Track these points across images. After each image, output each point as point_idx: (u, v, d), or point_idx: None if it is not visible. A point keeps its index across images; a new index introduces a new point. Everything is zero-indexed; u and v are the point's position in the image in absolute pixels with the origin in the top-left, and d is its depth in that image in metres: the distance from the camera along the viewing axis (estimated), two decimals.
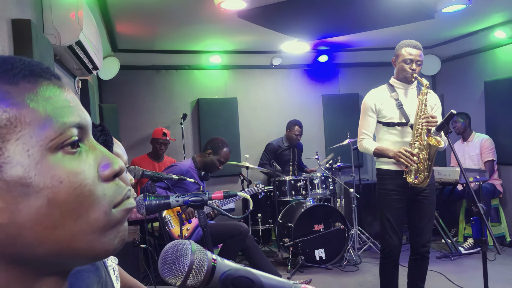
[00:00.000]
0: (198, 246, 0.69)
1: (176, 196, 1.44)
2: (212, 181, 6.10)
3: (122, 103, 6.03)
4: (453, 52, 6.41)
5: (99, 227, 0.54)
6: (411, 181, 3.03)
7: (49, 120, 0.51)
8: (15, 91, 0.50)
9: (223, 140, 3.96)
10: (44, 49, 2.30)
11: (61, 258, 0.53)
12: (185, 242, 0.68)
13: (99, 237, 0.54)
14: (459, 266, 4.64)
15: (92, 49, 3.17)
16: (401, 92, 3.19)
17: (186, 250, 0.67)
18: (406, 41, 3.13)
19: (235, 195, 1.57)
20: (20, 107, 0.49)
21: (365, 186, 5.75)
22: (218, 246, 3.85)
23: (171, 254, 0.67)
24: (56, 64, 2.98)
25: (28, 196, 0.49)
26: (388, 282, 3.27)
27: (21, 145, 0.49)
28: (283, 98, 6.70)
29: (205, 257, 0.67)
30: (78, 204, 0.52)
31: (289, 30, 4.96)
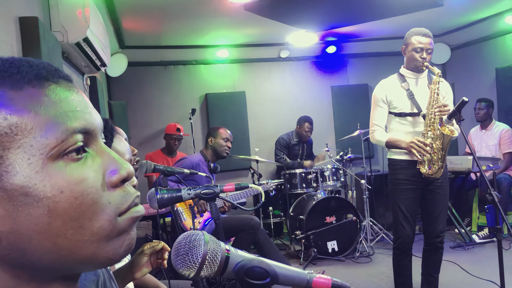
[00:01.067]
0: (211, 237, 0.68)
1: (188, 189, 1.44)
2: (223, 175, 6.11)
3: (130, 99, 6.04)
4: (463, 39, 6.32)
5: (102, 236, 0.52)
6: (424, 172, 2.99)
7: (51, 126, 0.50)
8: (18, 97, 0.49)
9: (216, 126, 4.07)
10: (52, 46, 2.30)
11: (65, 265, 0.52)
12: (198, 233, 0.67)
13: (103, 245, 0.53)
14: (473, 255, 4.60)
15: (99, 46, 3.17)
16: (412, 81, 3.14)
17: (199, 240, 0.66)
18: (415, 29, 3.07)
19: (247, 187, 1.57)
20: (22, 113, 0.48)
21: (377, 177, 5.71)
22: (230, 239, 3.86)
23: (184, 245, 0.66)
24: (64, 61, 2.99)
25: (29, 205, 0.48)
26: (401, 272, 3.25)
27: (21, 153, 0.48)
28: (291, 90, 6.66)
29: (219, 248, 0.67)
30: (80, 213, 0.50)
31: (296, 21, 4.92)
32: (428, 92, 3.05)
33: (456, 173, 5.15)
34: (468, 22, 5.81)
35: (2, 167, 0.47)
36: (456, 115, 2.76)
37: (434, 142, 2.94)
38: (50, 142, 0.49)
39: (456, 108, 2.75)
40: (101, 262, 0.54)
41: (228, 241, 3.88)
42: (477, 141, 5.51)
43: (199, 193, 1.42)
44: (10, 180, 0.47)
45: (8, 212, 0.48)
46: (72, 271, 0.55)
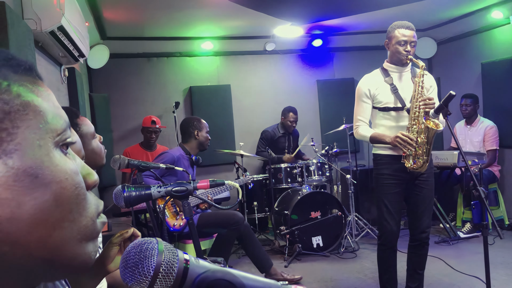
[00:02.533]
0: (167, 245, 0.58)
1: (158, 187, 1.34)
2: (207, 170, 6.02)
3: (113, 92, 5.90)
4: (449, 34, 6.29)
5: (86, 235, 0.51)
6: (409, 166, 2.95)
7: (56, 115, 0.51)
8: (28, 80, 0.50)
9: (195, 117, 4.00)
10: (23, 34, 2.18)
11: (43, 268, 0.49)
12: (151, 240, 0.58)
13: (83, 247, 0.51)
14: (458, 250, 4.59)
15: (76, 35, 3.05)
16: (396, 76, 3.09)
17: (152, 250, 0.56)
18: (398, 22, 3.02)
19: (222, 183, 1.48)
20: (32, 95, 0.49)
21: (362, 172, 5.67)
22: (213, 236, 3.77)
23: (133, 255, 0.57)
24: (39, 51, 2.87)
25: (36, 188, 0.46)
26: (386, 268, 3.21)
27: (32, 134, 0.47)
28: (277, 84, 6.58)
29: (175, 258, 0.57)
30: (75, 205, 0.50)
31: (282, 14, 4.83)
32: (412, 86, 3.01)
33: (441, 168, 5.12)
34: (455, 16, 5.78)
35: (12, 144, 0.46)
36: (443, 109, 2.72)
37: (419, 136, 2.90)
38: (55, 128, 0.50)
39: (443, 102, 2.70)
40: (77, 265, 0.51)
41: (211, 237, 3.80)
42: (461, 136, 5.50)
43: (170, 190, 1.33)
44: (19, 159, 0.46)
45: (13, 195, 0.45)
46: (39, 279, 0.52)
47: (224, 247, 3.60)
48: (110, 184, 5.16)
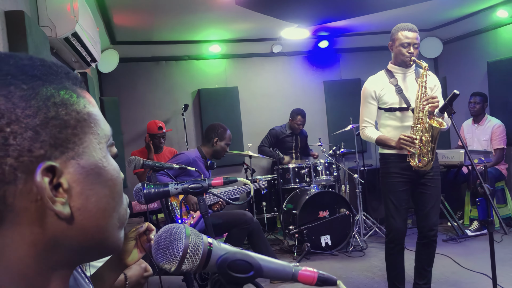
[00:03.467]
0: (193, 230, 0.66)
1: (175, 184, 1.42)
2: (216, 171, 6.08)
3: (122, 95, 6.00)
4: (455, 33, 6.33)
5: (122, 223, 0.61)
6: (414, 165, 3.00)
7: (105, 122, 0.60)
8: (83, 92, 0.59)
9: (222, 125, 3.97)
10: (40, 41, 2.27)
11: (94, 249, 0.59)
12: (179, 226, 0.66)
13: (119, 233, 0.61)
14: (466, 248, 4.63)
15: (89, 41, 3.14)
16: (400, 77, 3.15)
17: (180, 234, 0.65)
18: (401, 24, 3.09)
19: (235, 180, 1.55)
20: (91, 106, 0.58)
21: (369, 172, 5.72)
22: (223, 235, 3.84)
23: (164, 238, 0.65)
24: (53, 57, 2.96)
25: (99, 184, 0.56)
26: (394, 265, 3.26)
27: (93, 139, 0.57)
28: (284, 85, 6.65)
29: (200, 241, 0.65)
30: (119, 198, 0.60)
31: (288, 16, 4.90)
32: (416, 86, 3.06)
33: (448, 166, 5.16)
34: (460, 16, 5.81)
35: (82, 147, 0.55)
36: (447, 108, 2.76)
37: (423, 135, 2.95)
38: (107, 134, 0.60)
39: (447, 101, 2.75)
40: (113, 249, 0.60)
41: (221, 237, 3.87)
42: (469, 135, 5.53)
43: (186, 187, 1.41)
44: (88, 160, 0.55)
45: (83, 189, 0.55)
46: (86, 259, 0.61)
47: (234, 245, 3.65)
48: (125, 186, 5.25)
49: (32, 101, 0.52)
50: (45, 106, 0.53)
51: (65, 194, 0.53)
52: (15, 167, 0.50)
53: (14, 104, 0.51)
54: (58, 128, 0.53)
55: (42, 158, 0.51)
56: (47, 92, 0.54)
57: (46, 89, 0.54)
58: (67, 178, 0.53)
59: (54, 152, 0.52)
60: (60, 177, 0.53)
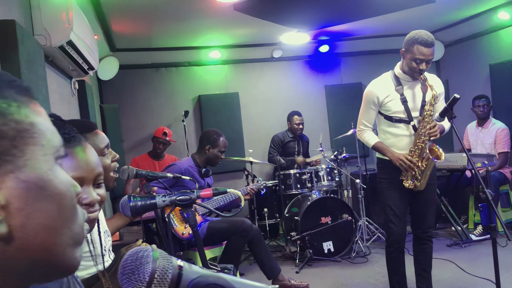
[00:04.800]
0: (162, 253, 0.62)
1: (163, 196, 1.38)
2: (217, 177, 6.05)
3: (123, 103, 5.98)
4: (456, 36, 6.29)
5: (76, 241, 0.56)
6: (407, 185, 3.04)
7: (54, 133, 0.56)
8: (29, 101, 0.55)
9: (216, 131, 3.91)
10: (33, 50, 2.25)
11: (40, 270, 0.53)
12: (147, 248, 0.62)
13: (74, 251, 0.56)
14: (470, 253, 4.56)
15: (85, 49, 3.12)
16: (406, 85, 3.08)
17: (147, 257, 0.60)
18: (420, 35, 2.88)
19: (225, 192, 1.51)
20: (35, 115, 0.54)
21: (372, 176, 5.66)
22: (223, 243, 3.80)
23: (130, 262, 0.61)
24: (49, 65, 2.94)
25: (43, 199, 0.51)
26: (395, 269, 3.24)
27: (37, 150, 0.52)
28: (285, 90, 6.62)
29: (169, 264, 0.61)
30: (71, 214, 0.55)
31: (288, 21, 4.88)
32: (420, 95, 3.02)
33: (451, 170, 5.10)
34: (461, 18, 5.77)
35: (22, 160, 0.50)
36: (447, 112, 2.73)
37: (420, 161, 2.96)
38: (55, 145, 0.55)
39: (447, 105, 2.71)
40: (67, 269, 0.56)
41: (220, 245, 3.82)
42: (473, 138, 5.47)
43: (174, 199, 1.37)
44: (29, 173, 0.51)
45: (25, 204, 0.50)
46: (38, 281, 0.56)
47: (234, 254, 3.62)
48: (122, 194, 5.22)
49: None
50: None
51: (1, 211, 0.49)
52: None
53: None
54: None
55: None
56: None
57: None
58: (4, 194, 0.49)
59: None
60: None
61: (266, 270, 3.80)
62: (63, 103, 3.28)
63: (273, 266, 3.82)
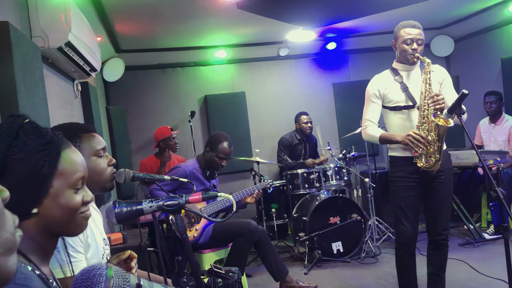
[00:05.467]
0: (117, 271, 0.56)
1: (150, 201, 1.33)
2: (224, 177, 5.99)
3: (129, 104, 5.96)
4: (467, 30, 6.16)
5: (8, 248, 0.53)
6: (421, 165, 2.88)
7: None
8: None
9: (222, 135, 3.80)
10: (29, 52, 2.21)
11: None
12: (100, 267, 0.56)
13: (6, 260, 0.53)
14: (483, 253, 4.46)
15: (86, 50, 3.08)
16: (405, 74, 3.06)
17: (100, 276, 0.54)
18: (403, 22, 3.02)
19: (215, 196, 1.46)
20: None
21: (382, 175, 5.57)
22: (228, 245, 3.75)
23: (80, 282, 0.54)
24: (49, 67, 2.91)
25: None
26: (405, 272, 3.14)
27: None
28: (292, 89, 6.54)
29: (126, 284, 0.54)
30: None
31: (292, 19, 4.81)
32: (421, 80, 2.95)
33: (462, 168, 4.99)
34: (471, 12, 5.65)
35: None
36: (456, 108, 2.64)
37: (429, 134, 2.83)
38: None
39: (456, 101, 2.63)
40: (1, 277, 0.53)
41: (226, 247, 3.77)
42: (485, 134, 5.34)
43: (161, 205, 1.32)
44: None
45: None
46: None
47: (239, 256, 3.57)
48: (130, 195, 5.20)
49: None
50: None
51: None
52: None
53: None
54: None
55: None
56: None
57: None
58: None
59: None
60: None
61: (273, 272, 3.74)
62: (65, 105, 3.25)
63: (280, 267, 3.75)
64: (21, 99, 1.96)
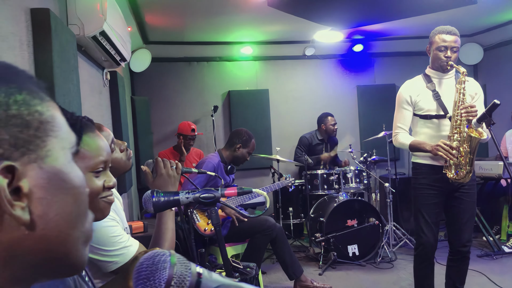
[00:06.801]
0: (180, 258, 0.58)
1: (187, 193, 1.35)
2: (243, 173, 6.02)
3: (153, 95, 6.02)
4: (496, 39, 6.07)
5: (87, 238, 0.55)
6: (451, 176, 2.83)
7: (68, 127, 0.56)
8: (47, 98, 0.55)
9: (248, 132, 3.89)
10: (66, 39, 2.25)
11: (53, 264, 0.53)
12: (164, 253, 0.58)
13: (82, 248, 0.55)
14: (502, 265, 4.40)
15: (118, 40, 3.13)
16: (437, 82, 2.99)
17: (164, 262, 0.56)
18: (439, 27, 2.94)
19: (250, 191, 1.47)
20: (54, 110, 0.55)
21: (401, 181, 5.53)
22: (246, 241, 3.77)
23: (146, 267, 0.56)
24: (82, 55, 2.96)
25: (62, 191, 0.51)
26: (422, 280, 3.10)
27: (57, 142, 0.53)
28: (316, 89, 6.53)
29: (188, 272, 0.56)
30: (84, 209, 0.55)
31: (322, 19, 4.79)
32: (454, 92, 2.90)
33: (485, 178, 4.93)
34: (502, 22, 5.56)
35: (44, 150, 0.51)
36: (486, 118, 2.61)
37: (461, 145, 2.78)
38: (71, 140, 0.56)
39: (486, 111, 2.60)
40: (77, 266, 0.55)
41: (243, 242, 3.79)
42: (511, 145, 5.26)
43: (198, 197, 1.34)
44: (51, 164, 0.51)
45: (46, 195, 0.50)
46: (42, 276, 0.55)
47: (256, 252, 3.59)
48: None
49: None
50: (6, 104, 0.49)
51: (25, 199, 0.48)
52: None
53: None
54: (19, 128, 0.49)
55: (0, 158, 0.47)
56: (8, 90, 0.50)
57: (7, 87, 0.50)
58: (28, 182, 0.48)
59: (14, 153, 0.48)
60: (20, 180, 0.48)
61: (288, 270, 3.75)
62: (94, 93, 3.31)
63: (296, 266, 3.76)
64: (57, 85, 2.00)
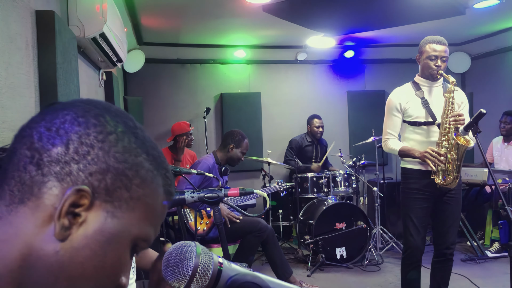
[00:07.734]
0: (204, 249, 0.65)
1: (192, 192, 1.42)
2: (234, 175, 6.08)
3: (146, 96, 6.06)
4: (484, 49, 6.22)
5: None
6: (439, 182, 2.93)
7: (158, 225, 0.63)
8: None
9: (241, 132, 3.97)
10: (68, 41, 2.30)
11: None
12: (190, 244, 0.65)
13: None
14: (485, 270, 4.51)
15: (116, 42, 3.17)
16: (427, 90, 3.09)
17: (191, 252, 0.64)
18: (430, 37, 3.03)
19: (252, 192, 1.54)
20: (163, 197, 0.63)
21: (389, 185, 5.64)
22: (237, 242, 3.83)
23: (174, 256, 0.64)
24: (80, 56, 3.00)
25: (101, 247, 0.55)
26: (409, 283, 3.19)
27: (138, 219, 0.58)
28: (307, 93, 6.62)
29: (211, 261, 0.64)
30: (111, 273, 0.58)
31: (315, 25, 4.88)
32: (443, 100, 2.99)
33: (470, 185, 5.05)
34: (490, 32, 5.71)
35: (119, 212, 0.56)
36: (472, 126, 2.71)
37: (449, 152, 2.88)
38: (147, 233, 0.61)
39: (473, 119, 2.70)
40: None
41: (234, 243, 3.85)
42: (497, 153, 5.39)
43: (202, 196, 1.40)
44: (115, 224, 0.56)
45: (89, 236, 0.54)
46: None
47: (247, 253, 3.65)
48: None
49: (131, 157, 0.58)
50: (135, 167, 0.58)
51: (75, 224, 0.53)
52: (68, 173, 0.53)
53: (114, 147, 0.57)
54: (122, 184, 0.56)
55: (89, 186, 0.53)
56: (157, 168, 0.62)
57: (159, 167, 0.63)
58: (89, 217, 0.54)
59: (100, 193, 0.54)
60: (85, 210, 0.53)
61: (278, 271, 3.82)
62: (91, 94, 3.35)
63: (285, 267, 3.84)
64: (60, 86, 2.05)
